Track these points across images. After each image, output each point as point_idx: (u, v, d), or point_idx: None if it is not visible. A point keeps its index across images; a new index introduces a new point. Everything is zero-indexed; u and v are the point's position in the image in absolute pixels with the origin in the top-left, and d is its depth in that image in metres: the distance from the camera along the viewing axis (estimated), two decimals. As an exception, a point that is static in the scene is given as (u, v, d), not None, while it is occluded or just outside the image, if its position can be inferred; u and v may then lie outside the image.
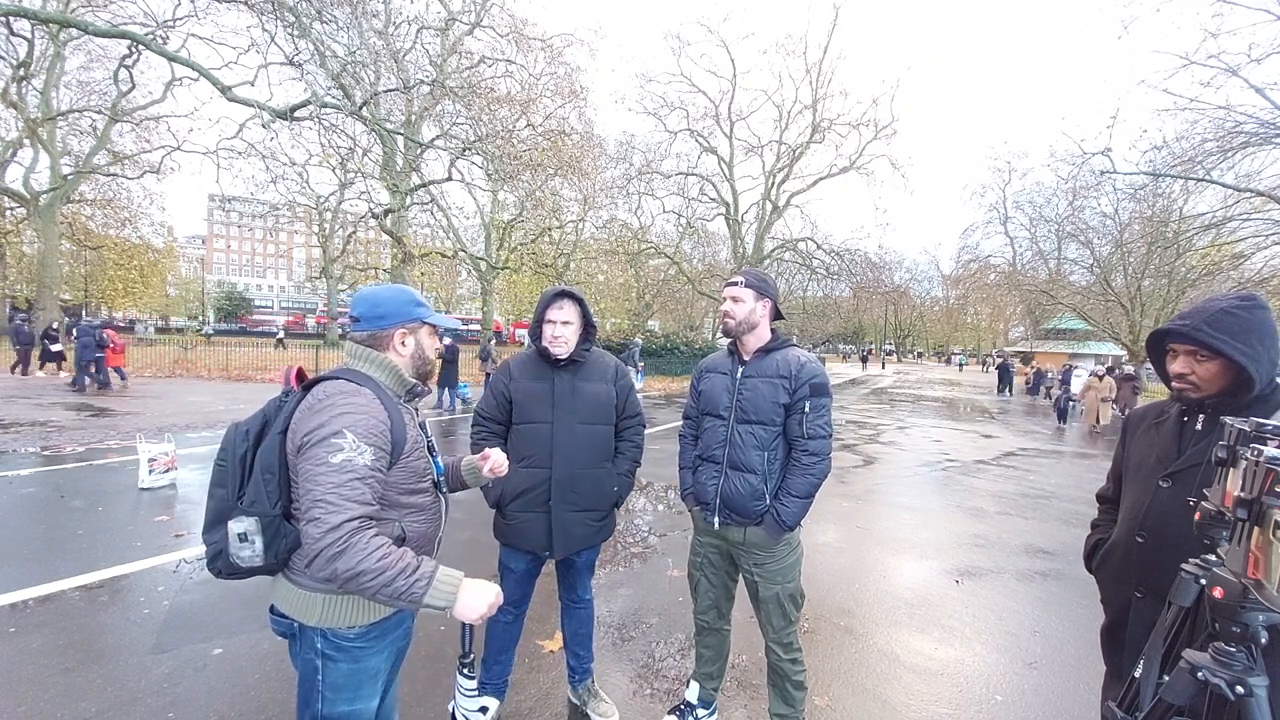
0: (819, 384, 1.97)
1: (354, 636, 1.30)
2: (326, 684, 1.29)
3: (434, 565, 1.23)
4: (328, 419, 1.21)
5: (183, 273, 60.92)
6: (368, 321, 1.39)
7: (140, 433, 6.55)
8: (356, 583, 1.15)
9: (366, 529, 1.18)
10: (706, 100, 27.04)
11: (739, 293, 2.04)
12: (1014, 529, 5.30)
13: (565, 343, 2.08)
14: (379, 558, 1.15)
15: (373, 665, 1.34)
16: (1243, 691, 0.89)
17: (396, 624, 1.39)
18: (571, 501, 2.10)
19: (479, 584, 1.27)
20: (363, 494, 1.20)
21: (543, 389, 2.12)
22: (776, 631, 2.04)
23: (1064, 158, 18.66)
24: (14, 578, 3.29)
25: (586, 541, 2.17)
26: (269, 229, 70.67)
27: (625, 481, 2.26)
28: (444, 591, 1.20)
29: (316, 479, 1.17)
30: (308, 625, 1.28)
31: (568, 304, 2.09)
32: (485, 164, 16.34)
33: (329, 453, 1.18)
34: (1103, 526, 1.65)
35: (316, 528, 1.15)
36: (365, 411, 1.25)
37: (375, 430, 1.25)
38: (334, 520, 1.15)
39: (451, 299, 50.72)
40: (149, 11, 15.84)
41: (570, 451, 2.10)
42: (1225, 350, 1.26)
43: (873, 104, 25.79)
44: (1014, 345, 45.10)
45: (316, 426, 1.20)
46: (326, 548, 1.14)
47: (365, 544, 1.16)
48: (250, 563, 1.22)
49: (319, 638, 1.28)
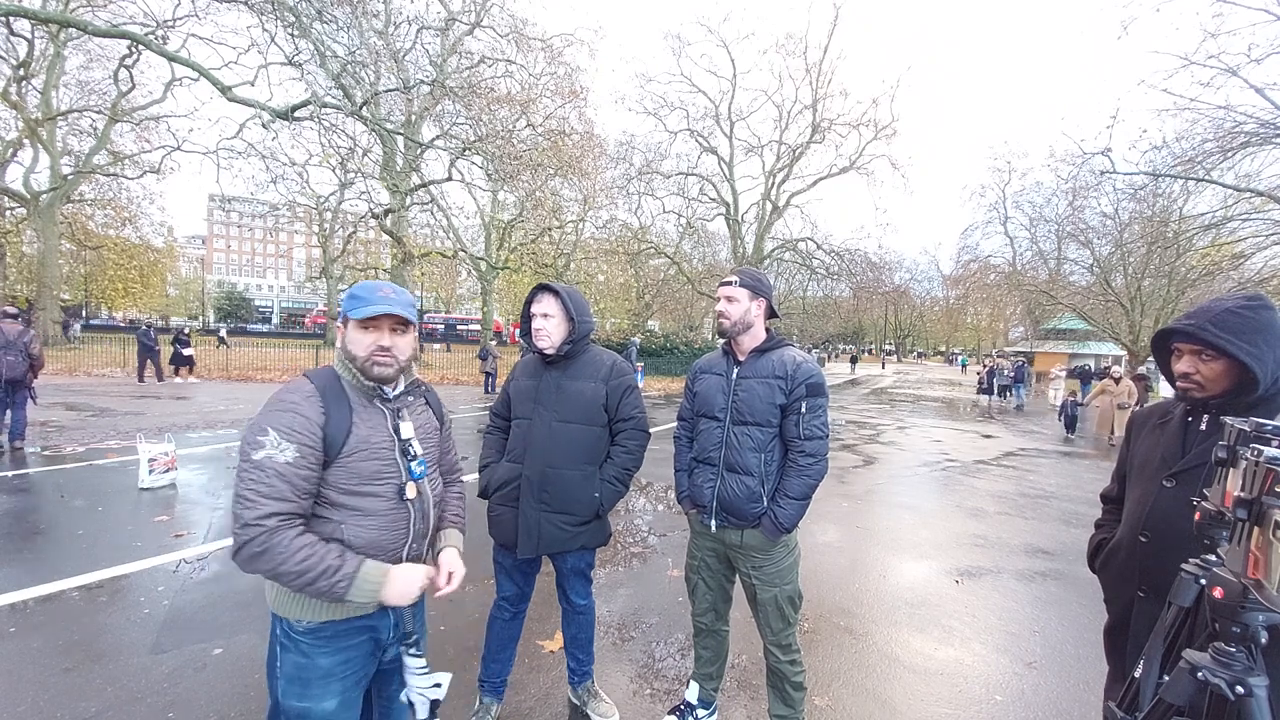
0: (815, 384, 1.95)
1: (302, 631, 1.31)
2: (282, 671, 1.32)
3: (357, 564, 1.24)
4: (260, 416, 1.25)
5: (183, 273, 60.92)
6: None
7: (140, 433, 6.55)
8: (279, 581, 1.20)
9: (288, 527, 1.20)
10: (706, 100, 27.08)
11: (733, 292, 2.02)
12: (1014, 529, 5.30)
13: (547, 335, 2.07)
14: (300, 559, 1.18)
15: (322, 665, 1.31)
16: (1243, 691, 0.89)
17: (357, 630, 1.34)
18: (543, 501, 2.06)
19: (404, 568, 1.32)
20: (281, 491, 1.20)
21: (530, 386, 2.15)
22: (775, 634, 2.04)
23: (1064, 158, 18.64)
24: (14, 578, 3.29)
25: (559, 544, 2.09)
26: (269, 229, 70.76)
27: (610, 489, 2.13)
28: (367, 589, 1.24)
29: (240, 476, 1.21)
30: (271, 609, 1.33)
31: (546, 297, 2.09)
32: (485, 164, 16.34)
33: (252, 449, 1.21)
34: (1106, 526, 1.64)
35: (236, 523, 1.18)
36: (292, 409, 1.26)
37: (298, 427, 1.24)
38: (249, 515, 1.17)
39: (451, 299, 50.73)
40: (149, 11, 15.89)
41: (545, 449, 2.07)
42: (1230, 350, 1.26)
43: (873, 104, 25.81)
44: (1014, 345, 45.09)
45: (251, 423, 1.26)
46: (247, 544, 1.17)
47: (287, 545, 1.17)
48: None
49: (278, 625, 1.33)
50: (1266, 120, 12.16)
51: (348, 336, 1.37)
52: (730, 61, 27.27)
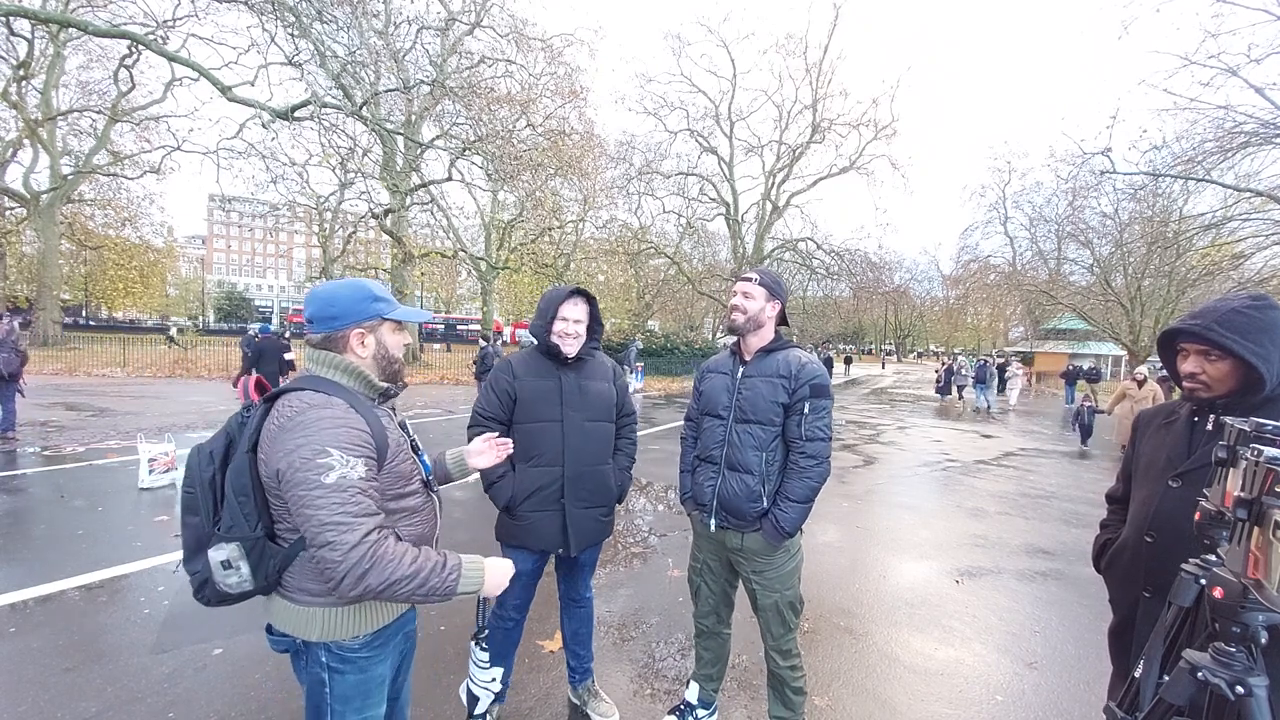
0: (819, 385, 1.95)
1: (359, 646, 1.27)
2: (335, 696, 1.27)
3: (456, 556, 1.26)
4: (306, 439, 1.13)
5: (183, 273, 60.94)
6: (320, 323, 1.29)
7: (140, 433, 6.55)
8: (390, 591, 1.15)
9: (385, 539, 1.17)
10: (706, 100, 27.08)
11: (752, 289, 2.03)
12: (1014, 529, 5.30)
13: (576, 340, 2.10)
14: (410, 563, 1.16)
15: (379, 673, 1.32)
16: (1243, 691, 0.89)
17: (399, 628, 1.38)
18: (583, 498, 2.13)
19: (496, 561, 1.34)
20: (368, 506, 1.16)
21: (550, 387, 2.11)
22: (775, 639, 2.04)
23: (1064, 158, 18.57)
24: (14, 578, 3.29)
25: (596, 537, 2.21)
26: (269, 229, 70.71)
27: (625, 477, 2.31)
28: (474, 579, 1.26)
29: (316, 504, 1.11)
30: (310, 640, 1.25)
31: (582, 302, 2.13)
32: (485, 164, 16.35)
33: (320, 474, 1.12)
34: (1112, 526, 1.64)
35: (334, 551, 1.11)
36: (343, 424, 1.18)
37: (359, 441, 1.19)
38: (351, 540, 1.11)
39: (451, 299, 50.70)
40: (149, 11, 15.88)
41: (580, 449, 2.12)
42: (1236, 350, 1.26)
43: (873, 104, 25.80)
44: (1014, 345, 45.08)
45: (295, 448, 1.13)
46: (353, 567, 1.11)
47: (391, 554, 1.15)
48: (240, 589, 1.19)
49: (323, 652, 1.25)
50: (1266, 120, 12.16)
51: (382, 339, 1.34)
52: (730, 61, 27.33)
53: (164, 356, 19.01)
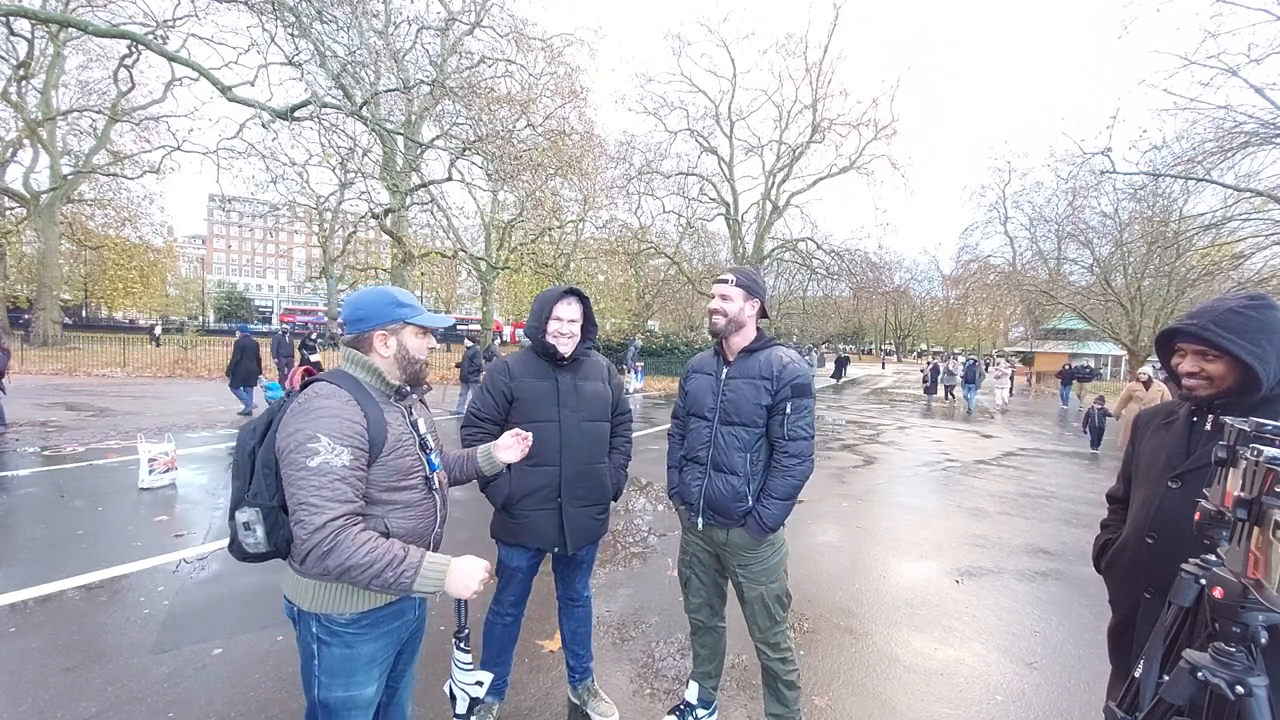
0: (801, 385, 1.96)
1: (346, 623, 1.36)
2: (321, 668, 1.37)
3: (420, 554, 1.29)
4: (303, 424, 1.27)
5: (183, 273, 60.98)
6: (351, 325, 1.46)
7: (140, 433, 6.55)
8: (348, 576, 1.23)
9: (352, 525, 1.25)
10: (706, 100, 27.04)
11: (729, 291, 2.03)
12: (1014, 529, 5.30)
13: (571, 340, 2.11)
14: (365, 553, 1.22)
15: (366, 652, 1.38)
16: (1243, 691, 0.89)
17: (396, 615, 1.43)
18: (580, 497, 2.15)
19: (467, 560, 1.32)
20: (344, 493, 1.25)
21: (547, 387, 2.12)
22: (763, 632, 2.05)
23: (1064, 158, 18.58)
24: (14, 578, 3.29)
25: (592, 535, 2.22)
26: (269, 229, 70.74)
27: (621, 475, 2.33)
28: (431, 578, 1.27)
29: (298, 483, 1.24)
30: (304, 610, 1.36)
31: (576, 302, 2.13)
32: (485, 164, 16.34)
33: (306, 457, 1.24)
34: (1112, 526, 1.64)
35: (303, 529, 1.22)
36: (338, 414, 1.30)
37: (350, 431, 1.30)
38: (317, 521, 1.21)
39: (451, 299, 50.68)
40: (149, 11, 15.90)
41: (578, 448, 2.13)
42: (1233, 349, 1.26)
43: (873, 104, 25.76)
44: (1014, 345, 45.09)
45: (294, 431, 1.27)
46: (315, 547, 1.21)
47: (351, 540, 1.22)
48: (255, 549, 1.32)
49: (314, 622, 1.36)
50: (1266, 120, 12.16)
51: (403, 341, 1.46)
52: (730, 61, 27.26)
53: (164, 356, 19.00)
